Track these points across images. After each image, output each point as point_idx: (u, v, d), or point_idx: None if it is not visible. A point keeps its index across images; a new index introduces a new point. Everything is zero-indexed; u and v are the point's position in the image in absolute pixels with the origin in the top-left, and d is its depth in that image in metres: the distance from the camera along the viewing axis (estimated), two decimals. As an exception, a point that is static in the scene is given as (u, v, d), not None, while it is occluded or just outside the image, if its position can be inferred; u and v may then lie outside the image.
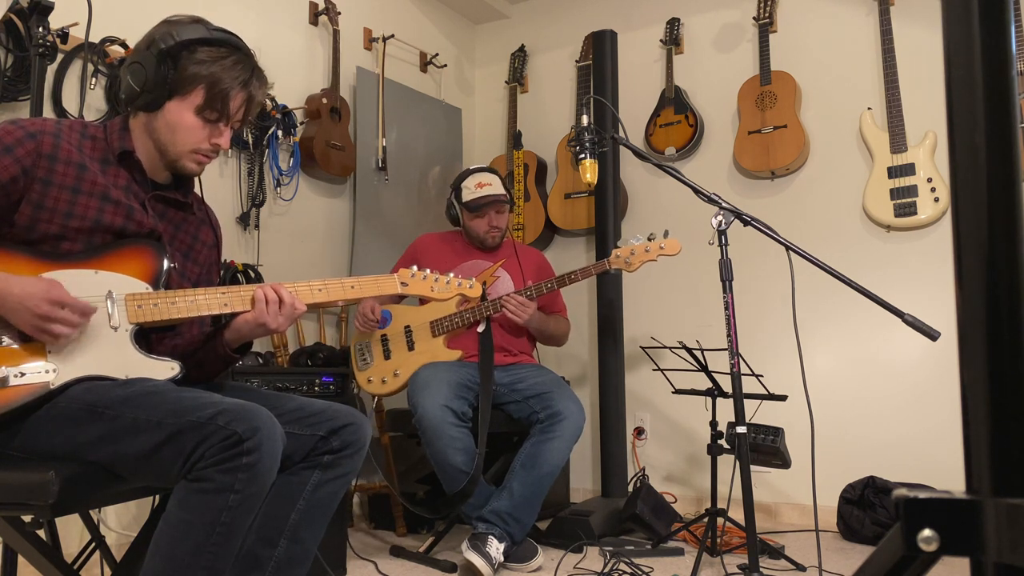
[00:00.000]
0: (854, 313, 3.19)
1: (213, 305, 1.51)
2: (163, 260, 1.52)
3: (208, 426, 1.27)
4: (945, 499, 0.50)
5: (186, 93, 1.49)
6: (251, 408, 1.31)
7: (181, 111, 1.50)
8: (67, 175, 1.44)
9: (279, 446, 1.33)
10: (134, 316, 1.45)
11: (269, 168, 3.10)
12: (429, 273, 1.79)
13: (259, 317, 1.52)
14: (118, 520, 2.57)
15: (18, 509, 1.33)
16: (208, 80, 1.49)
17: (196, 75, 1.48)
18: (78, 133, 1.51)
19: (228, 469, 1.25)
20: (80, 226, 1.44)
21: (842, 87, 3.35)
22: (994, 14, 0.51)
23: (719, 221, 2.25)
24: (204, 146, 1.54)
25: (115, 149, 1.53)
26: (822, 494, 2.31)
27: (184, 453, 1.27)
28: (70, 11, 2.37)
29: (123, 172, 1.53)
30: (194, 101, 1.50)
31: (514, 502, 2.50)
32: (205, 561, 1.26)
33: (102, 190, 1.47)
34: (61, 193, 1.43)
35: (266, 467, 1.29)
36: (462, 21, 4.32)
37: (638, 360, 3.51)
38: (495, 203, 2.90)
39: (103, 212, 1.47)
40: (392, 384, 2.76)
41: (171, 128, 1.51)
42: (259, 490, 1.29)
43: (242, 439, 1.26)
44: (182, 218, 1.65)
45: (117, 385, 1.39)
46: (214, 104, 1.51)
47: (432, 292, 1.79)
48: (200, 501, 1.26)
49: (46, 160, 1.42)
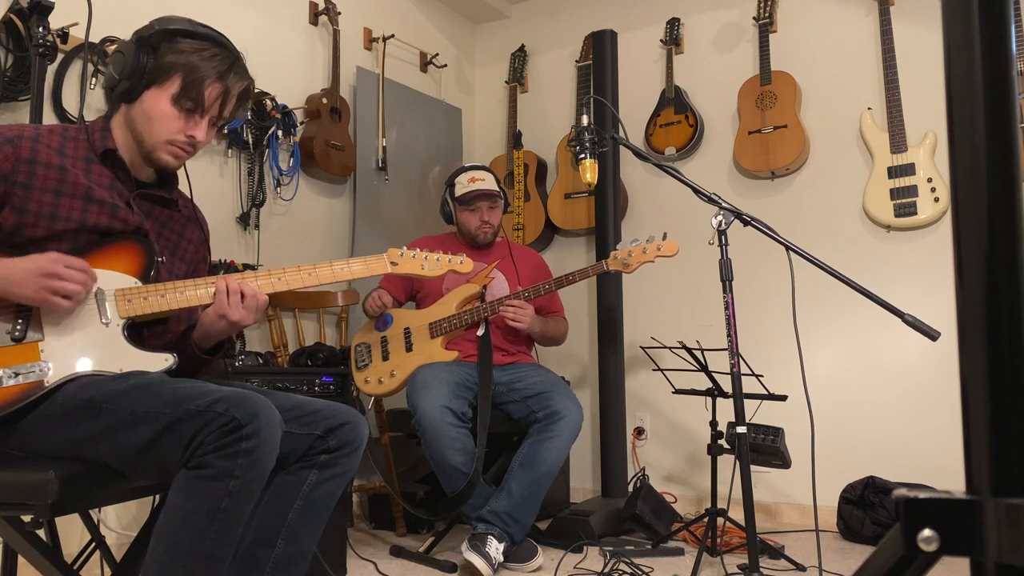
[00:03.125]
0: (854, 313, 3.19)
1: (203, 296, 1.51)
2: (151, 254, 1.52)
3: (207, 413, 1.27)
4: (945, 499, 0.50)
5: (163, 82, 1.49)
6: (249, 395, 1.31)
7: (157, 100, 1.50)
8: (48, 178, 1.44)
9: (278, 432, 1.33)
10: (124, 311, 1.46)
11: (269, 168, 3.10)
12: (419, 251, 1.79)
13: (219, 308, 1.49)
14: (118, 520, 2.57)
15: (18, 509, 1.33)
16: (185, 68, 1.49)
17: (173, 64, 1.49)
18: (59, 136, 1.51)
19: (228, 455, 1.25)
20: (65, 228, 1.45)
21: (842, 87, 3.35)
22: (994, 14, 0.51)
23: (719, 221, 2.25)
24: (179, 137, 1.53)
25: (97, 148, 1.53)
26: (822, 494, 2.31)
27: (183, 441, 1.27)
28: (70, 11, 2.37)
29: (106, 171, 1.53)
30: (170, 90, 1.50)
31: (513, 502, 2.50)
32: (207, 548, 1.26)
33: (84, 190, 1.47)
34: (43, 196, 1.43)
35: (265, 452, 1.29)
36: (462, 21, 4.32)
37: (638, 360, 3.51)
38: (487, 197, 2.90)
39: (87, 213, 1.47)
40: (389, 384, 2.76)
41: (147, 117, 1.51)
42: (259, 475, 1.29)
43: (241, 424, 1.26)
44: (167, 216, 1.65)
45: (112, 379, 1.39)
46: (189, 93, 1.50)
47: (423, 270, 1.78)
48: (200, 488, 1.26)
49: (25, 164, 1.43)
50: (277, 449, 1.33)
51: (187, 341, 1.56)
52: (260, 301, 1.51)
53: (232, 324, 1.50)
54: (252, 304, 1.50)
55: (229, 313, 1.49)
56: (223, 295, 1.49)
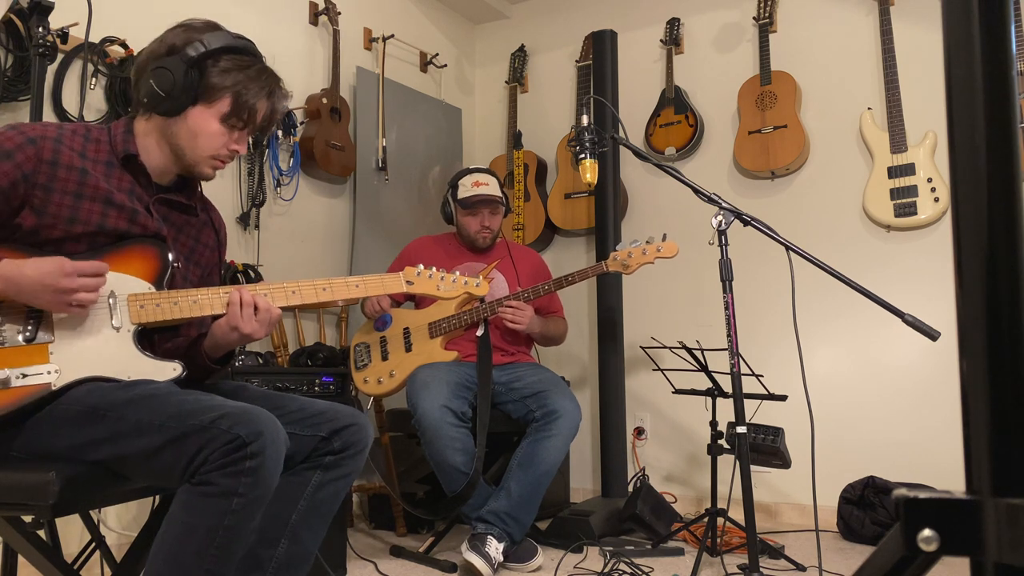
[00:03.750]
0: (854, 313, 3.19)
1: (216, 305, 1.50)
2: (166, 260, 1.51)
3: (211, 430, 1.26)
4: (945, 499, 0.50)
5: (212, 101, 1.50)
6: (254, 412, 1.30)
7: (206, 118, 1.51)
8: (69, 180, 1.43)
9: (282, 449, 1.33)
10: (136, 316, 1.45)
11: (269, 168, 3.10)
12: (435, 271, 1.73)
13: (231, 320, 1.47)
14: (118, 520, 2.57)
15: (18, 509, 1.33)
16: (234, 90, 1.50)
17: (222, 84, 1.49)
18: (81, 137, 1.50)
19: (231, 473, 1.25)
20: (84, 231, 1.44)
21: (842, 87, 3.35)
22: (994, 14, 0.51)
23: (719, 221, 2.25)
24: (223, 152, 1.55)
25: (119, 152, 1.52)
26: (822, 494, 2.31)
27: (187, 456, 1.26)
28: (70, 11, 2.37)
29: (127, 175, 1.52)
30: (220, 109, 1.51)
31: (512, 502, 2.50)
32: (208, 564, 1.26)
33: (105, 194, 1.47)
34: (63, 199, 1.42)
35: (269, 471, 1.29)
36: (462, 21, 4.32)
37: (638, 360, 3.51)
38: (490, 203, 2.90)
39: (107, 217, 1.46)
40: (388, 384, 2.76)
41: (193, 134, 1.51)
42: (263, 494, 1.29)
43: (245, 443, 1.25)
44: (185, 221, 1.64)
45: (119, 387, 1.39)
46: (240, 113, 1.52)
47: (438, 291, 1.73)
48: (203, 505, 1.26)
49: (47, 166, 1.42)
50: (281, 467, 1.33)
51: (198, 349, 1.55)
52: (273, 315, 1.49)
53: (243, 336, 1.48)
54: (265, 318, 1.48)
55: (241, 326, 1.47)
56: (236, 307, 1.47)
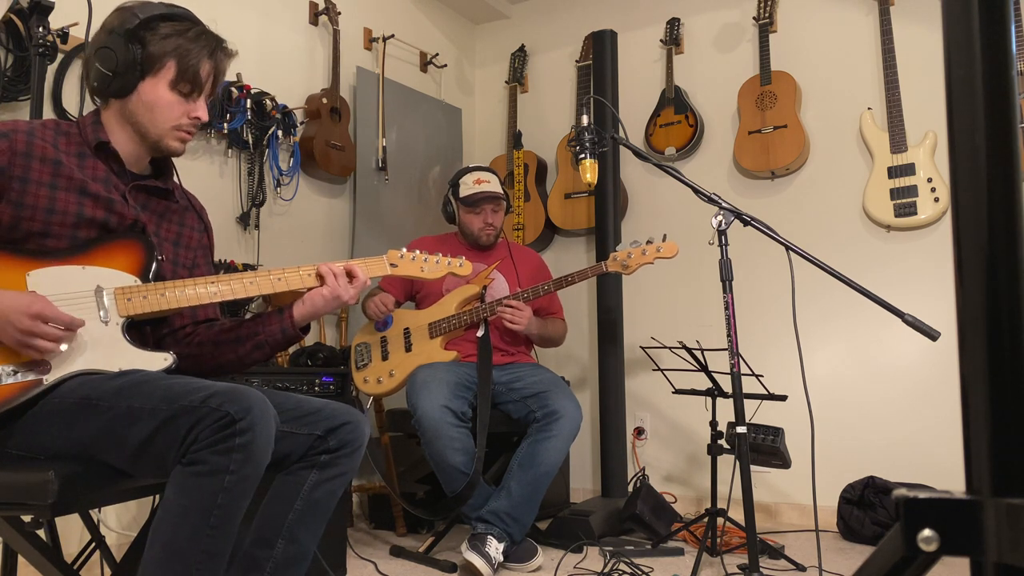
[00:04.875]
0: (854, 313, 3.19)
1: (203, 295, 1.52)
2: (150, 252, 1.52)
3: (200, 409, 1.27)
4: (945, 499, 0.50)
5: (157, 70, 1.51)
6: (242, 389, 1.31)
7: (157, 88, 1.52)
8: (43, 171, 1.45)
9: (272, 425, 1.33)
10: (124, 309, 1.46)
11: (269, 168, 3.10)
12: (419, 254, 1.79)
13: (334, 290, 1.59)
14: (118, 520, 2.57)
15: (18, 509, 1.33)
16: (177, 53, 1.51)
17: (163, 50, 1.50)
18: (52, 131, 1.51)
19: (222, 450, 1.25)
20: (63, 221, 1.45)
21: (842, 87, 3.35)
22: (994, 14, 0.51)
23: (719, 221, 2.25)
24: (184, 121, 1.56)
25: (90, 142, 1.53)
26: (822, 494, 2.31)
27: (179, 437, 1.27)
28: (70, 11, 2.37)
29: (100, 164, 1.54)
30: (167, 76, 1.52)
31: (512, 502, 2.50)
32: (204, 545, 1.26)
33: (79, 184, 1.48)
34: (40, 190, 1.44)
35: (260, 447, 1.29)
36: (462, 21, 4.32)
37: (638, 360, 3.51)
38: (492, 200, 2.91)
39: (83, 206, 1.47)
40: (387, 384, 2.76)
41: (149, 107, 1.52)
42: (254, 470, 1.29)
43: (235, 419, 1.26)
44: (165, 207, 1.65)
45: (109, 377, 1.39)
46: (186, 75, 1.52)
47: (422, 272, 1.78)
48: (196, 484, 1.26)
49: (21, 158, 1.43)
50: (272, 443, 1.33)
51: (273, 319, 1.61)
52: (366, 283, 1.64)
53: (341, 304, 1.62)
54: (359, 284, 1.62)
55: (342, 294, 1.60)
56: (332, 277, 1.59)
